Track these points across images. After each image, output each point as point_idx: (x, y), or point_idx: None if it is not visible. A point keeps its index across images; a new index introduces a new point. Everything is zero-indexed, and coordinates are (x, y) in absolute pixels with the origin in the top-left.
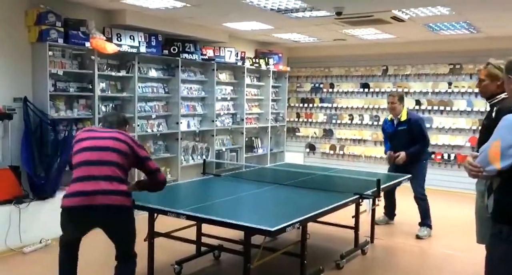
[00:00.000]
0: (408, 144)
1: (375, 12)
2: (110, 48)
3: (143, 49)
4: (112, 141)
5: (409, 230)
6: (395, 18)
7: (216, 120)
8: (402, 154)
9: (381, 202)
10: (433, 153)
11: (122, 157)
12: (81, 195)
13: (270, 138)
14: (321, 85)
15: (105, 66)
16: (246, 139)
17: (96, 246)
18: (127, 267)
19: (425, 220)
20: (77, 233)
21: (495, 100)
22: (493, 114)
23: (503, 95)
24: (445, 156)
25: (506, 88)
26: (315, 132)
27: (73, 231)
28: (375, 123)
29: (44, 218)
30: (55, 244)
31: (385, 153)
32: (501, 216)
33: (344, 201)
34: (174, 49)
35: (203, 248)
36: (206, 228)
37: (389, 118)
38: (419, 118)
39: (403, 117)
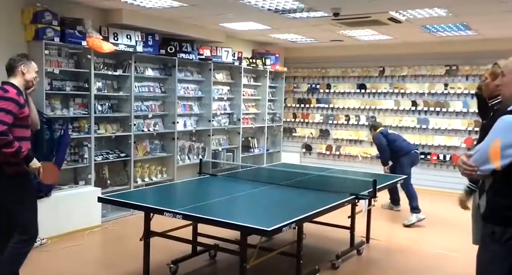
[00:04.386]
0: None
1: (372, 13)
2: (107, 47)
3: (139, 48)
4: None
5: (405, 230)
6: (392, 19)
7: (212, 120)
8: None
9: (377, 203)
10: (429, 153)
11: None
12: None
13: (267, 138)
14: (318, 86)
15: (102, 65)
16: (243, 139)
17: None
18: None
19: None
20: None
21: (496, 101)
22: (491, 114)
23: None
24: (441, 157)
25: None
26: (311, 133)
27: None
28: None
29: (40, 217)
30: (51, 243)
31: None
32: (493, 217)
33: (340, 201)
34: (171, 49)
35: (199, 248)
36: (202, 227)
37: None
38: (377, 138)
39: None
